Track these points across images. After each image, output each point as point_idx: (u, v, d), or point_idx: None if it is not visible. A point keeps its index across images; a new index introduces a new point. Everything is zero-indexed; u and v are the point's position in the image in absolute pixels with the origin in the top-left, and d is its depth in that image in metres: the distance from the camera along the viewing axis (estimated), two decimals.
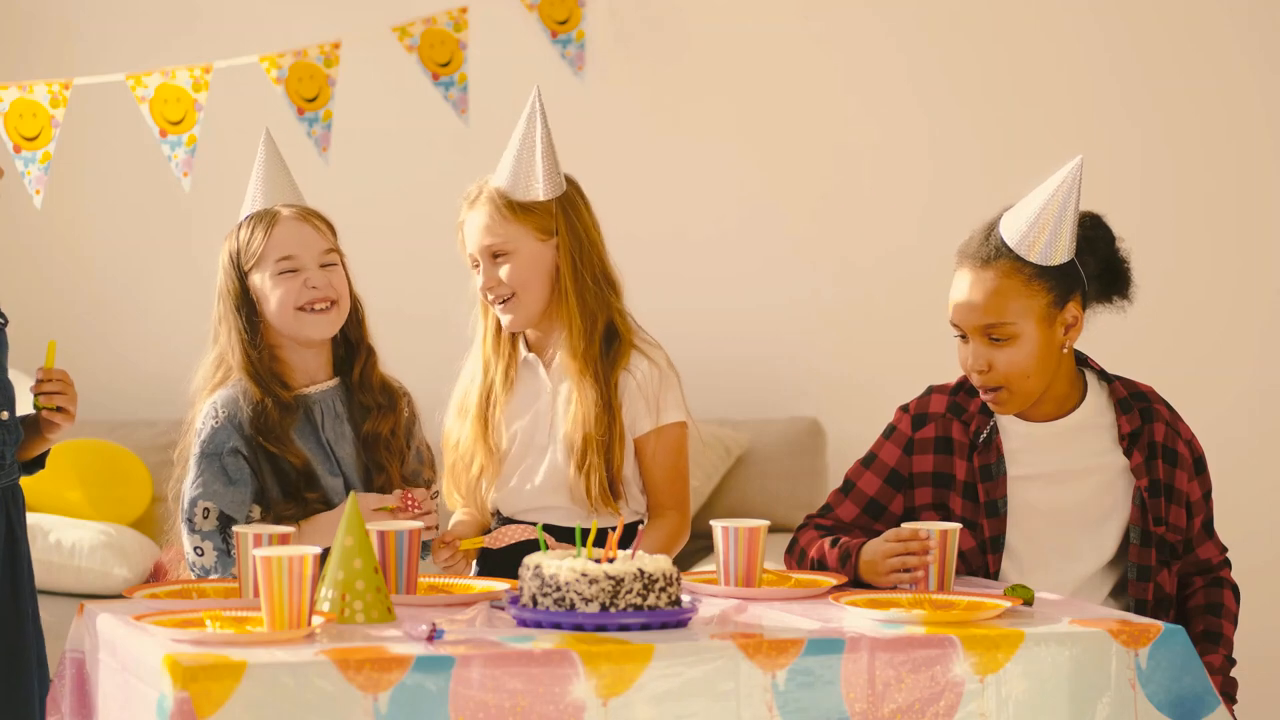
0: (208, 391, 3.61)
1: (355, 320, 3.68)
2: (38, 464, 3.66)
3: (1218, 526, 3.69)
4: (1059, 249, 3.47)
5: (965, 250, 3.52)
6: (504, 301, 3.72)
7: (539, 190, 3.72)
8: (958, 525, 3.33)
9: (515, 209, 3.71)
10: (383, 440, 3.62)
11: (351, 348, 3.68)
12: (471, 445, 3.75)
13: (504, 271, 3.70)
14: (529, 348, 3.79)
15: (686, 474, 3.78)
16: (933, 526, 3.31)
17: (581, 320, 3.71)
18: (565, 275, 3.73)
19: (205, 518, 3.51)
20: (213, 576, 3.50)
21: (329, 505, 3.55)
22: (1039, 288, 3.47)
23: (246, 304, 3.61)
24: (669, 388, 3.75)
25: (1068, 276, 3.49)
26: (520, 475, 3.74)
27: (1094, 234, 3.55)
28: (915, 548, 3.30)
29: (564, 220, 3.74)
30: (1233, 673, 3.55)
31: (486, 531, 3.77)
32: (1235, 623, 3.59)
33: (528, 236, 3.72)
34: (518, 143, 3.74)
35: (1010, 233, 3.49)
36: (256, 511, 3.53)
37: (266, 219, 3.62)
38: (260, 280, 3.59)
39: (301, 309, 3.57)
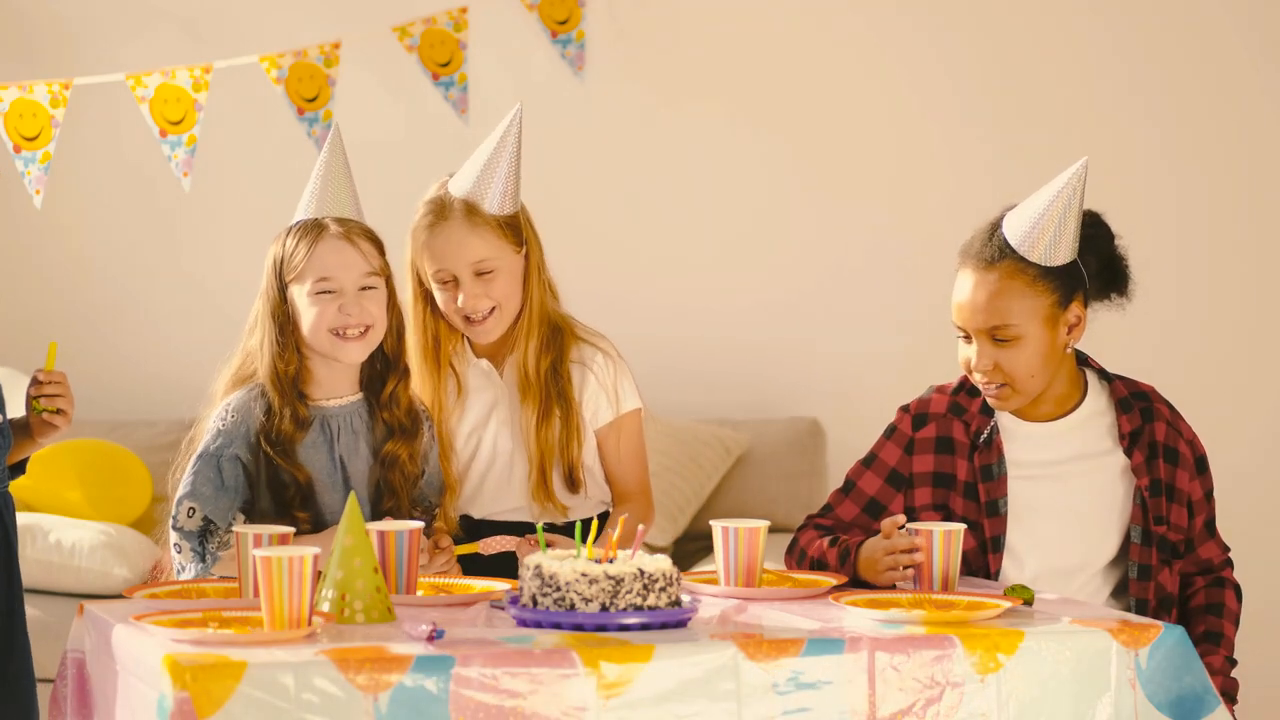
0: (230, 385, 3.59)
1: (395, 336, 3.61)
2: (19, 469, 3.61)
3: (1219, 526, 3.69)
4: (1062, 249, 3.47)
5: (968, 251, 3.52)
6: (484, 316, 3.70)
7: (512, 204, 3.71)
8: (961, 526, 3.32)
9: (499, 223, 3.69)
10: (400, 464, 3.59)
11: (386, 364, 3.62)
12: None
13: (489, 287, 3.69)
14: (476, 354, 3.77)
15: (646, 458, 3.81)
16: (935, 528, 3.31)
17: (544, 329, 3.72)
18: (534, 285, 3.73)
19: (190, 518, 3.49)
20: (183, 576, 3.49)
21: (318, 526, 3.52)
22: (1043, 288, 3.47)
23: (283, 313, 3.54)
24: (624, 376, 3.76)
25: (1071, 277, 3.49)
26: (491, 481, 3.74)
27: (1094, 232, 3.55)
28: (903, 544, 3.30)
29: (530, 230, 3.75)
30: (1233, 673, 3.54)
31: (460, 538, 3.77)
32: (1237, 623, 3.59)
33: (509, 250, 3.71)
34: (493, 155, 3.68)
35: (1013, 233, 3.48)
36: (240, 520, 3.51)
37: (312, 233, 3.54)
38: (298, 294, 3.54)
39: (335, 333, 3.54)
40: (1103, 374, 3.61)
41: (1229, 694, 3.48)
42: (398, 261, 3.71)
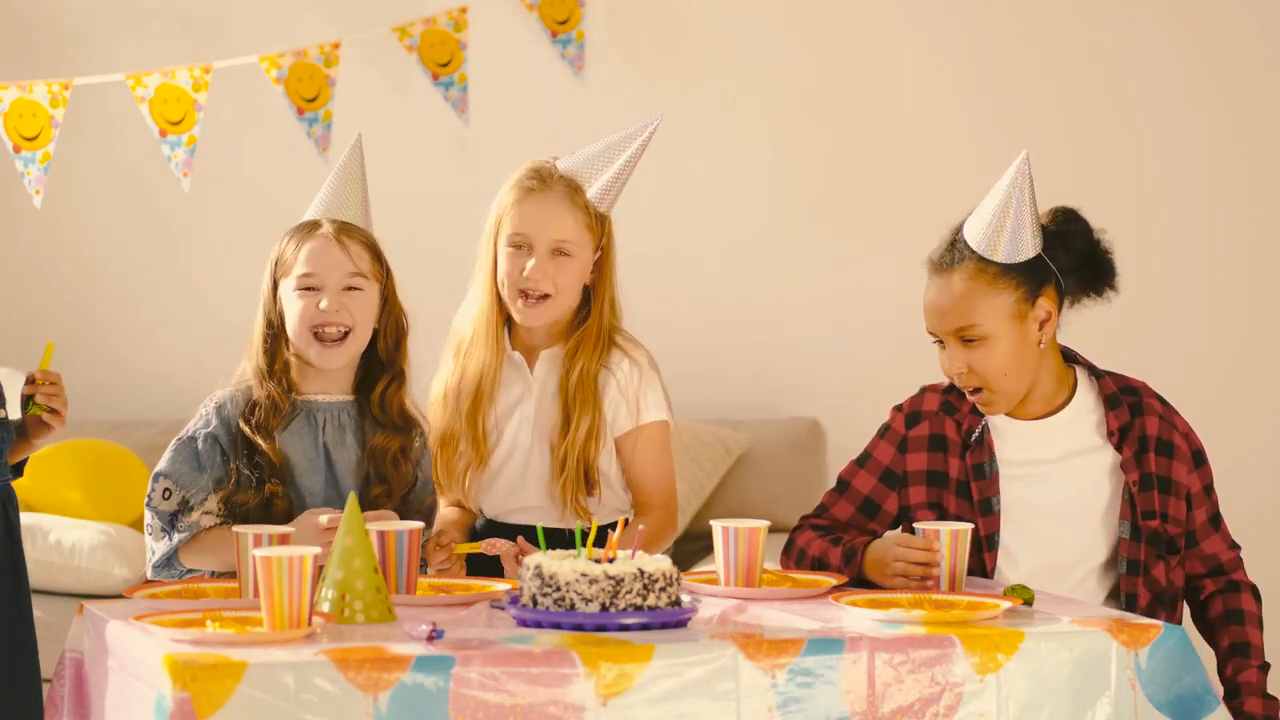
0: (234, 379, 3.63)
1: (392, 340, 3.62)
2: (17, 471, 3.61)
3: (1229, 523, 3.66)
4: (1023, 245, 3.48)
5: (932, 257, 3.55)
6: (538, 298, 3.69)
7: (610, 204, 3.71)
8: (969, 525, 3.33)
9: (593, 214, 3.69)
10: (390, 455, 3.59)
11: (379, 367, 3.64)
12: (458, 437, 3.73)
13: (558, 271, 3.68)
14: (513, 345, 3.76)
15: (671, 472, 3.76)
16: (944, 527, 3.31)
17: (606, 341, 3.70)
18: (605, 294, 3.71)
19: (165, 499, 3.51)
20: (154, 557, 3.50)
21: (299, 503, 3.53)
22: (1005, 285, 3.48)
23: (272, 310, 3.59)
24: (650, 387, 3.72)
25: (1036, 272, 3.50)
26: (506, 474, 3.73)
27: (1068, 228, 3.55)
28: (923, 558, 3.30)
29: (610, 240, 3.74)
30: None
31: (473, 533, 3.76)
32: (1261, 626, 3.54)
33: (589, 245, 3.69)
34: (612, 149, 3.69)
35: (972, 235, 3.50)
36: (213, 502, 3.51)
37: (305, 231, 3.59)
38: (284, 290, 3.57)
39: (315, 334, 3.55)
40: (1092, 371, 3.61)
41: (1272, 718, 3.46)
42: (406, 264, 3.70)
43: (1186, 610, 3.61)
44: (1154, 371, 3.85)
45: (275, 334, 3.58)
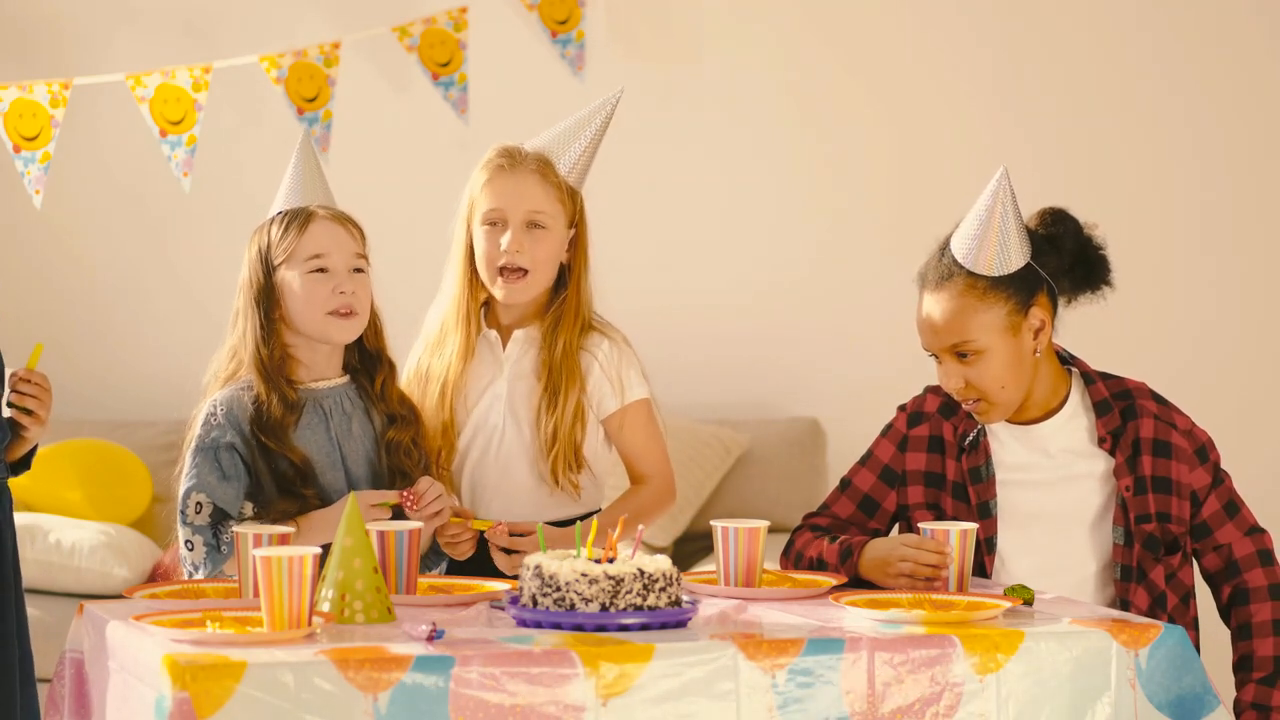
0: (218, 382, 3.60)
1: (373, 330, 3.63)
2: (23, 465, 3.61)
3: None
4: (1011, 257, 3.48)
5: (922, 274, 3.55)
6: (517, 274, 3.69)
7: (580, 178, 3.72)
8: (974, 526, 3.33)
9: (565, 188, 3.70)
10: (403, 448, 3.60)
11: (369, 357, 3.64)
12: (431, 418, 3.73)
13: (534, 245, 3.69)
14: (488, 323, 3.77)
15: (662, 443, 3.78)
16: (952, 528, 3.31)
17: (585, 314, 3.72)
18: (581, 267, 3.73)
19: (198, 512, 3.48)
20: (199, 574, 3.47)
21: (326, 503, 3.53)
22: (996, 299, 3.47)
23: (268, 299, 3.56)
24: (629, 365, 3.74)
25: (1027, 281, 3.49)
26: (471, 454, 3.72)
27: (1057, 229, 3.55)
28: (934, 560, 3.30)
29: (583, 218, 3.75)
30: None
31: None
32: (1274, 630, 3.48)
33: (563, 219, 3.71)
34: (579, 124, 3.71)
35: (960, 251, 3.50)
36: (249, 508, 3.50)
37: (301, 216, 3.59)
38: (289, 277, 3.56)
39: (330, 313, 3.55)
40: (1086, 374, 3.60)
41: None
42: (379, 255, 3.69)
43: (1198, 606, 3.59)
44: (1156, 368, 3.84)
45: (273, 325, 3.57)
